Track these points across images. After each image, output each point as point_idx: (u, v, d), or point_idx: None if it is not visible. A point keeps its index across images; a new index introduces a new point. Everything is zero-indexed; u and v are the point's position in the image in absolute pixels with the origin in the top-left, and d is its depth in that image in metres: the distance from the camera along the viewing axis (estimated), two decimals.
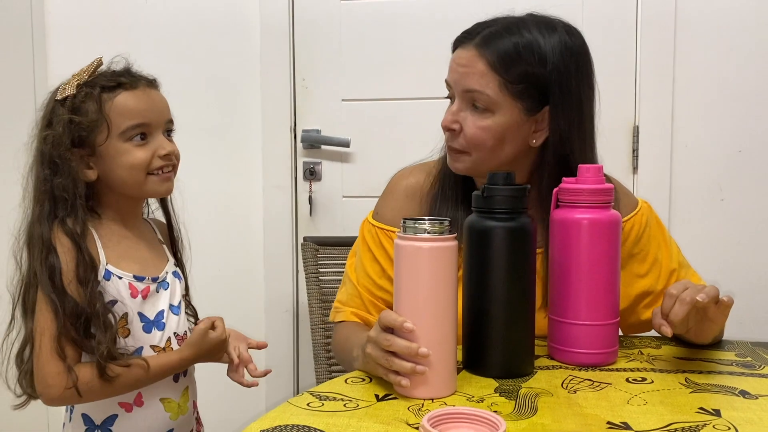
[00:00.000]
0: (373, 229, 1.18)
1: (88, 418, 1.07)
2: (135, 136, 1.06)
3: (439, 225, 0.83)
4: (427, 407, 0.80)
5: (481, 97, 1.04)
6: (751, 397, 0.83)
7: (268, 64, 1.99)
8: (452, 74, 1.07)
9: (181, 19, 2.01)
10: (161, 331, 1.10)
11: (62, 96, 1.06)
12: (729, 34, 1.81)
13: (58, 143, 1.04)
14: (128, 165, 1.06)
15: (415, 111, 1.94)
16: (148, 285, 1.09)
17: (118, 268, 1.07)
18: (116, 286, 1.06)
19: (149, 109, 1.08)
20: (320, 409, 0.80)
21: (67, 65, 1.99)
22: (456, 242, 0.85)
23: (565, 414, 0.78)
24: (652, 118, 1.84)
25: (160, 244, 1.20)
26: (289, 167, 2.02)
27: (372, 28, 1.97)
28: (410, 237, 0.84)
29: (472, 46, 1.05)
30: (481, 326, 0.92)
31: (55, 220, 1.03)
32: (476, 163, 1.08)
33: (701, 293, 0.89)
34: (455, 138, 1.07)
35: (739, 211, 1.83)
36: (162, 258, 1.17)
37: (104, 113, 1.05)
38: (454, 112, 1.07)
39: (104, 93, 1.06)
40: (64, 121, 1.04)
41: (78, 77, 1.07)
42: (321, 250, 1.65)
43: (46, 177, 1.05)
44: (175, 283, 1.16)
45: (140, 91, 1.08)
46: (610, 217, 0.97)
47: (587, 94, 1.08)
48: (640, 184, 1.86)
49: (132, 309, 1.07)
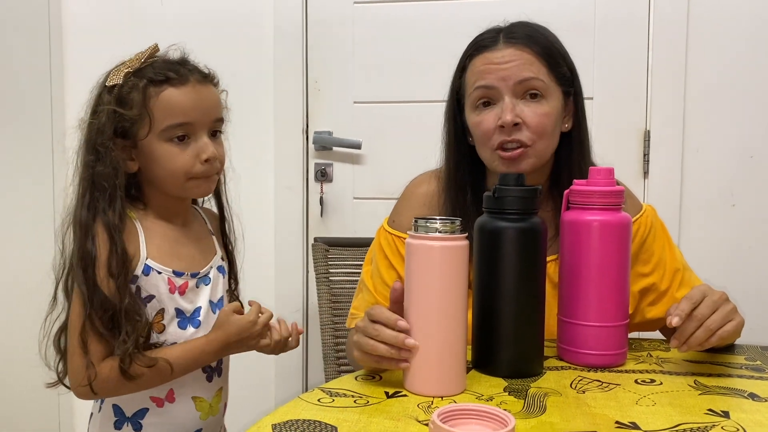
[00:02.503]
0: (390, 236, 1.19)
1: (119, 410, 1.06)
2: (174, 137, 1.02)
3: (450, 224, 0.84)
4: (436, 404, 0.81)
5: (537, 83, 1.07)
6: (760, 399, 0.84)
7: (280, 65, 2.01)
8: (495, 74, 1.08)
9: (194, 20, 2.03)
10: (196, 328, 1.07)
11: (110, 84, 1.03)
12: (741, 38, 1.80)
13: (101, 131, 1.01)
14: (167, 168, 1.03)
15: (427, 113, 1.94)
16: (187, 281, 1.07)
17: (160, 263, 1.04)
18: (155, 282, 1.03)
19: (195, 107, 1.03)
20: (331, 405, 0.81)
21: (83, 64, 2.05)
22: (467, 242, 0.86)
23: (573, 413, 0.79)
24: (663, 122, 1.84)
25: (209, 235, 1.17)
26: (300, 168, 2.03)
27: (384, 30, 1.98)
28: (422, 236, 0.84)
29: (507, 43, 1.09)
30: (491, 326, 0.92)
31: (96, 208, 1.01)
32: (538, 156, 1.10)
33: (728, 323, 0.89)
34: (519, 131, 1.07)
35: (750, 216, 1.82)
36: (209, 251, 1.14)
37: (148, 108, 1.01)
38: (511, 108, 1.07)
39: (151, 86, 1.02)
40: (108, 111, 1.01)
41: (129, 65, 1.03)
42: (331, 250, 1.66)
43: (88, 163, 1.03)
44: (218, 278, 1.13)
45: (189, 88, 1.03)
46: (620, 219, 0.97)
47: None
48: (651, 189, 1.86)
49: (168, 305, 1.05)
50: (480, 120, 1.10)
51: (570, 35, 1.17)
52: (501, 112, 1.07)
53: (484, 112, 1.09)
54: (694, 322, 0.88)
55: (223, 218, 1.19)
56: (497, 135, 1.08)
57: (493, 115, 1.08)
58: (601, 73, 1.86)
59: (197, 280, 1.09)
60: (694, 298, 0.90)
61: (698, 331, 0.88)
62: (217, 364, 1.12)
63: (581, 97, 1.15)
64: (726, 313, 0.90)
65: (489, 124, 1.08)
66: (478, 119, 1.10)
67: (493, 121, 1.08)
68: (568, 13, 1.86)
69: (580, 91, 1.15)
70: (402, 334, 0.83)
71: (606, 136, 1.86)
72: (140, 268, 1.03)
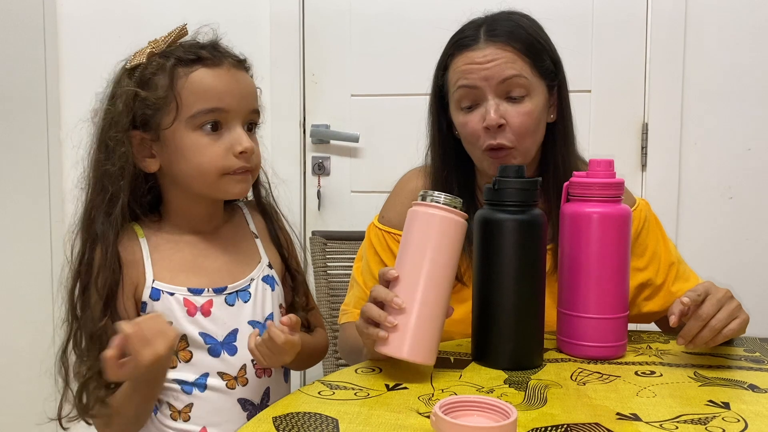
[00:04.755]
0: (380, 232, 1.19)
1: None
2: (205, 124, 0.87)
3: (453, 199, 0.86)
4: (437, 397, 0.80)
5: (521, 81, 1.06)
6: (760, 390, 0.84)
7: (277, 58, 2.00)
8: (478, 73, 1.06)
9: (190, 12, 2.01)
10: (233, 356, 0.91)
11: (131, 65, 0.89)
12: (739, 32, 1.80)
13: (116, 121, 0.87)
14: (195, 162, 0.88)
15: (424, 107, 1.93)
16: (210, 298, 0.91)
17: (171, 284, 0.90)
18: (168, 306, 0.89)
19: (229, 92, 0.88)
20: (331, 398, 0.81)
21: (79, 60, 2.03)
22: (466, 223, 0.87)
23: (574, 405, 0.79)
24: (661, 115, 1.84)
25: (250, 239, 1.00)
26: (298, 162, 2.02)
27: (382, 23, 1.97)
28: (425, 204, 0.86)
29: (488, 41, 1.07)
30: (491, 318, 0.92)
31: (95, 215, 0.89)
32: (524, 155, 1.09)
33: (733, 321, 0.89)
34: (502, 133, 1.07)
35: (747, 209, 1.83)
36: (250, 259, 0.97)
37: (175, 90, 0.86)
38: (495, 108, 1.06)
39: (179, 66, 0.87)
40: (128, 96, 0.87)
41: (154, 45, 0.89)
42: (329, 244, 1.65)
43: (98, 161, 0.89)
44: (265, 291, 0.96)
45: (223, 70, 0.89)
46: (620, 211, 0.97)
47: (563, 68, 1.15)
48: (649, 182, 1.86)
49: (191, 330, 0.90)
50: (465, 121, 1.10)
51: (568, 29, 1.17)
52: (485, 112, 1.07)
53: (470, 114, 1.09)
54: (699, 321, 0.88)
55: (267, 217, 1.03)
56: (484, 137, 1.08)
57: (478, 117, 1.08)
58: (599, 66, 1.86)
59: (226, 296, 0.93)
60: (697, 291, 0.90)
61: (704, 331, 0.88)
62: (263, 396, 0.96)
63: (565, 87, 1.14)
64: (731, 310, 0.90)
65: (475, 125, 1.08)
66: (463, 120, 1.10)
67: (479, 123, 1.07)
68: (566, 5, 1.85)
69: (564, 81, 1.13)
70: (392, 293, 0.84)
71: (604, 129, 1.86)
72: (147, 293, 0.89)
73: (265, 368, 0.95)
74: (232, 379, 0.92)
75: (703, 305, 0.89)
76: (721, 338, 0.90)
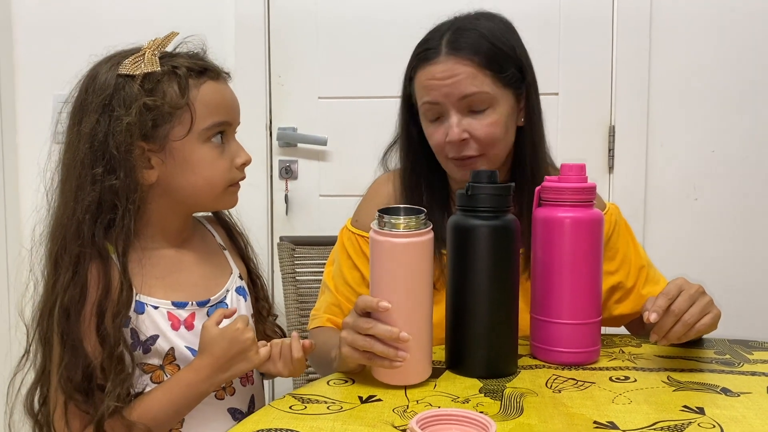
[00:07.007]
0: (353, 236, 1.17)
1: None
2: (214, 136, 0.88)
3: (415, 220, 0.84)
4: (412, 409, 0.79)
5: (481, 96, 1.04)
6: (733, 394, 0.84)
7: (243, 60, 1.96)
8: (438, 90, 1.05)
9: (152, 13, 1.97)
10: None
11: (133, 71, 0.83)
12: (704, 34, 1.83)
13: (127, 132, 0.81)
14: (205, 175, 0.87)
15: (393, 109, 1.91)
16: (193, 311, 0.90)
17: (153, 297, 0.87)
18: (152, 319, 0.87)
19: (231, 105, 0.90)
20: (303, 412, 0.78)
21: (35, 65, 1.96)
22: (431, 234, 0.85)
23: (551, 414, 0.78)
24: (628, 118, 1.85)
25: (219, 251, 0.99)
26: (264, 166, 1.98)
27: (349, 24, 1.94)
28: (386, 233, 0.84)
29: (444, 56, 1.05)
30: (465, 325, 0.91)
31: (94, 234, 0.83)
32: (492, 161, 1.08)
33: (705, 316, 0.90)
34: (467, 146, 1.06)
35: (712, 210, 1.86)
36: (222, 272, 0.96)
37: (189, 101, 0.84)
38: (457, 123, 1.05)
39: (191, 77, 0.86)
40: (138, 104, 0.82)
41: (152, 49, 0.85)
42: (298, 249, 1.62)
43: (95, 177, 0.82)
44: (239, 302, 0.96)
45: (222, 84, 0.90)
46: (592, 216, 0.97)
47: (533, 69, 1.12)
48: (616, 184, 1.87)
49: (177, 343, 0.88)
50: (431, 133, 1.09)
51: (535, 31, 1.16)
52: (448, 127, 1.06)
53: (435, 126, 1.08)
54: (671, 316, 0.89)
55: (227, 227, 1.02)
56: (449, 148, 1.07)
57: (442, 130, 1.07)
58: (566, 69, 1.87)
59: (208, 309, 0.91)
60: (670, 293, 0.90)
61: (676, 326, 0.89)
62: (249, 405, 0.96)
63: (534, 90, 1.11)
64: (703, 306, 0.91)
65: (439, 138, 1.07)
66: (430, 131, 1.10)
67: (442, 137, 1.07)
68: (533, 9, 1.85)
69: (533, 84, 1.11)
70: (396, 329, 0.82)
71: (571, 131, 1.87)
72: (131, 307, 0.86)
73: (248, 376, 0.97)
74: (220, 389, 0.92)
75: (675, 301, 0.90)
76: (693, 333, 0.90)
